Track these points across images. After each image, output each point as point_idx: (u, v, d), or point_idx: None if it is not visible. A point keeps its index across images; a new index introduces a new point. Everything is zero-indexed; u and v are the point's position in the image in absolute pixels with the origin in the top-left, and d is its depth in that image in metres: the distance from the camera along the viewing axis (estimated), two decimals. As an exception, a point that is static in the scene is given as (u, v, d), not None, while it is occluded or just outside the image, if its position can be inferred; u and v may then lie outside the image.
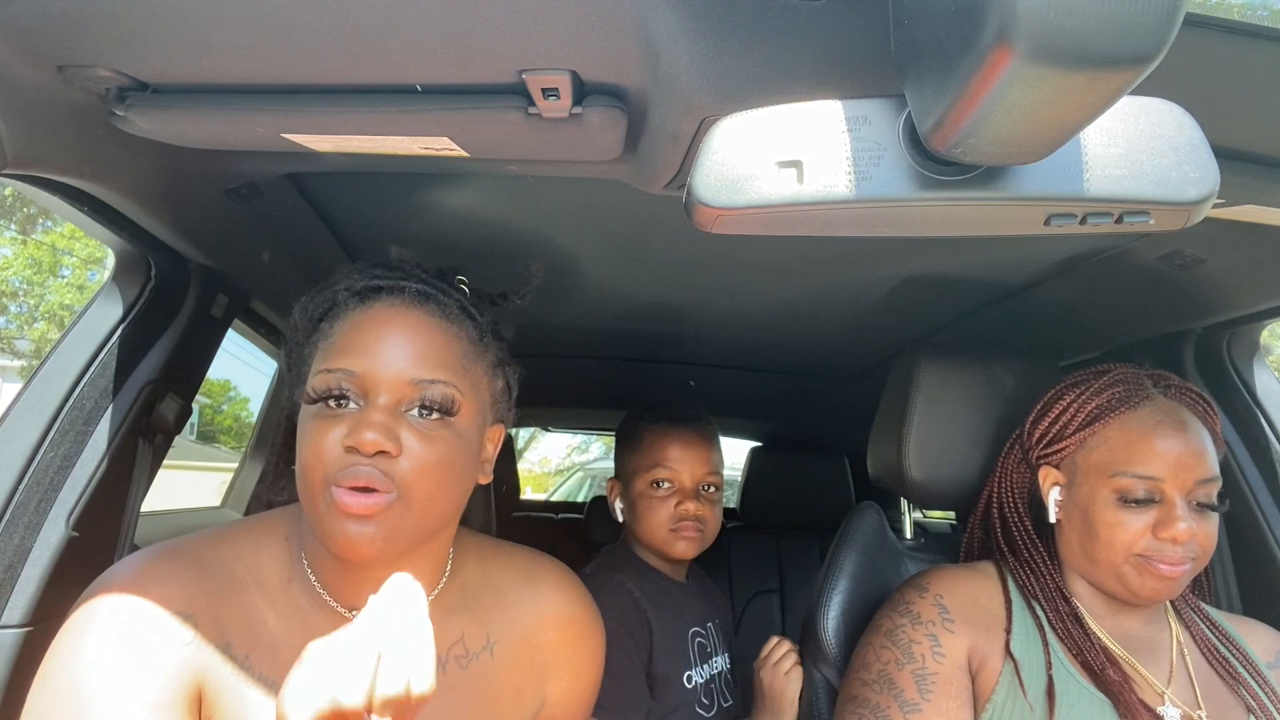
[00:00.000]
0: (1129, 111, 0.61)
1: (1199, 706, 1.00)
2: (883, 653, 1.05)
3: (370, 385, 0.80)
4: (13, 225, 12.79)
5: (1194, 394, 1.07)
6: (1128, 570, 1.00)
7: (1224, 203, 0.88)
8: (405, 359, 0.81)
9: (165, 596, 0.78)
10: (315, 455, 0.79)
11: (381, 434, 0.77)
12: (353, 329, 0.83)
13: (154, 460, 1.20)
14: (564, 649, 0.99)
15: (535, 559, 1.03)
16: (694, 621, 1.50)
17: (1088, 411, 1.07)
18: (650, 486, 1.48)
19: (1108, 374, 1.09)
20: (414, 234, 1.38)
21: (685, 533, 1.46)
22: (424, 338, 0.83)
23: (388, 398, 0.80)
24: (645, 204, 1.02)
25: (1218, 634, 1.09)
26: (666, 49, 0.69)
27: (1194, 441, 1.01)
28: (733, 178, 0.61)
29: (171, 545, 0.84)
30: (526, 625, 0.96)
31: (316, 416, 0.81)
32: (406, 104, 0.80)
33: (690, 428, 1.51)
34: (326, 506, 0.78)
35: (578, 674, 1.01)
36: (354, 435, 0.77)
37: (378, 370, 0.80)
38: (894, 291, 1.54)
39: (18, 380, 11.86)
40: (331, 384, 0.80)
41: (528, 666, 0.95)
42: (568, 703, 1.01)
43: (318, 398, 0.81)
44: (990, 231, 0.68)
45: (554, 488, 8.95)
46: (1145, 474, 1.00)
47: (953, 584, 1.10)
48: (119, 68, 0.78)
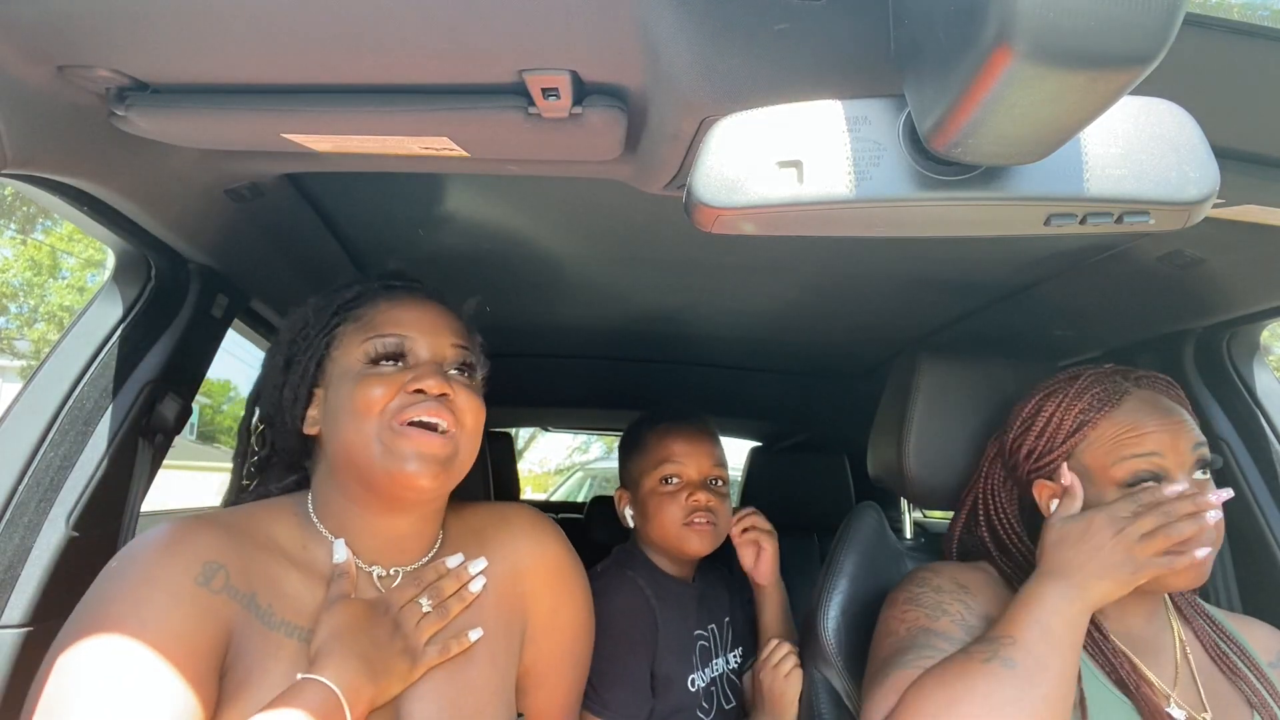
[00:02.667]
0: (1129, 111, 0.61)
1: (1204, 709, 1.00)
2: (908, 615, 1.05)
3: (419, 347, 0.96)
4: (12, 225, 12.79)
5: (1165, 381, 1.09)
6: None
7: (1224, 203, 0.88)
8: (443, 329, 0.99)
9: (196, 548, 0.84)
10: (373, 400, 0.91)
11: (442, 379, 0.93)
12: (390, 308, 0.98)
13: (154, 460, 1.20)
14: (541, 580, 1.07)
15: (508, 506, 1.15)
16: (698, 624, 1.51)
17: (1073, 418, 1.06)
18: (659, 484, 1.52)
19: (1079, 378, 1.09)
20: (413, 234, 1.38)
21: (698, 525, 1.48)
22: (448, 318, 1.02)
23: (431, 355, 0.96)
24: (645, 204, 1.02)
25: (1219, 633, 1.09)
26: (666, 49, 0.69)
27: (1179, 417, 1.03)
28: (733, 178, 0.61)
29: (193, 514, 0.91)
30: (507, 559, 1.05)
31: (371, 373, 0.93)
32: (406, 104, 0.80)
33: (692, 425, 1.56)
34: (388, 443, 0.89)
35: (555, 608, 1.07)
36: (420, 380, 0.92)
37: (425, 335, 0.97)
38: (894, 291, 1.54)
39: (18, 380, 11.86)
40: (386, 346, 0.95)
41: (511, 597, 1.04)
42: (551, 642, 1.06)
43: (373, 359, 0.94)
44: (990, 231, 0.68)
45: (554, 488, 8.96)
46: (1145, 451, 1.00)
47: (965, 573, 1.10)
48: (119, 68, 0.78)
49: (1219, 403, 1.41)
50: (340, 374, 0.96)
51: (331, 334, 0.99)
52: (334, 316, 0.99)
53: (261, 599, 0.87)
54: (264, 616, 0.86)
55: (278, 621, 0.87)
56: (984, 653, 0.90)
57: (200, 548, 0.84)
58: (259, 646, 0.84)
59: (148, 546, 0.84)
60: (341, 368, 0.96)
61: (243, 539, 0.89)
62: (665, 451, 1.52)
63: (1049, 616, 0.92)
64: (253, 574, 0.87)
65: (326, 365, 0.98)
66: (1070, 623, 0.92)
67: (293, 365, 0.99)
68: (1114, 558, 0.93)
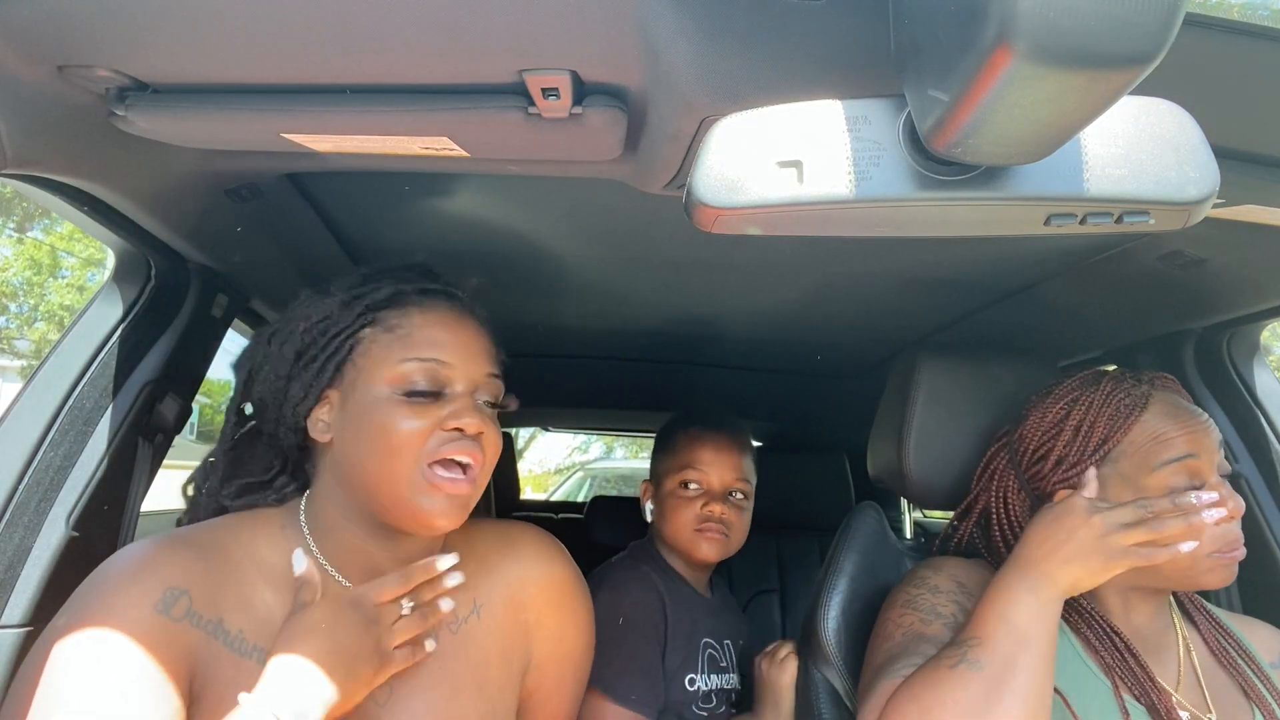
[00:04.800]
0: (1129, 111, 0.61)
1: (1209, 709, 1.00)
2: (904, 619, 1.04)
3: (459, 376, 0.91)
4: (11, 225, 12.79)
5: (1175, 381, 1.09)
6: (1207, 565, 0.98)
7: (1224, 203, 0.88)
8: (481, 355, 0.94)
9: (160, 573, 0.81)
10: (410, 437, 0.86)
11: (481, 418, 0.89)
12: (429, 324, 0.92)
13: (154, 460, 1.20)
14: (546, 606, 1.03)
15: (514, 526, 1.08)
16: (708, 633, 1.51)
17: (1102, 428, 1.03)
18: (679, 487, 1.52)
19: (1098, 385, 1.06)
20: (413, 234, 1.38)
21: (709, 534, 1.48)
22: (485, 338, 0.96)
23: (469, 385, 0.91)
24: (645, 204, 1.02)
25: (1222, 633, 1.09)
26: (666, 49, 0.69)
27: (1203, 416, 1.03)
28: (733, 178, 0.61)
29: (168, 533, 0.88)
30: (509, 586, 1.01)
31: (407, 404, 0.88)
32: (406, 104, 0.80)
33: (723, 433, 1.55)
34: (418, 484, 0.86)
35: (562, 635, 1.04)
36: (459, 418, 0.88)
37: (464, 361, 0.91)
38: (894, 291, 1.54)
39: (18, 380, 11.86)
40: (426, 372, 0.89)
41: (513, 626, 1.00)
42: (555, 665, 1.04)
43: (409, 387, 0.88)
44: (990, 231, 0.68)
45: (554, 488, 8.96)
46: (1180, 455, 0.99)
47: (966, 569, 1.09)
48: (119, 68, 0.78)
49: (1219, 403, 1.41)
50: (366, 389, 0.89)
51: (357, 335, 0.91)
52: (361, 316, 0.92)
53: (231, 624, 0.83)
54: (234, 643, 0.82)
55: (250, 647, 0.83)
56: (952, 658, 0.90)
57: (164, 573, 0.81)
58: (228, 676, 0.81)
59: (110, 573, 0.82)
60: (368, 381, 0.89)
61: (217, 560, 0.85)
62: (691, 456, 1.52)
63: (1014, 611, 0.90)
64: (222, 598, 0.83)
65: (347, 370, 0.91)
66: (1037, 614, 0.90)
67: (306, 359, 0.92)
68: (1086, 544, 0.92)
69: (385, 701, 0.88)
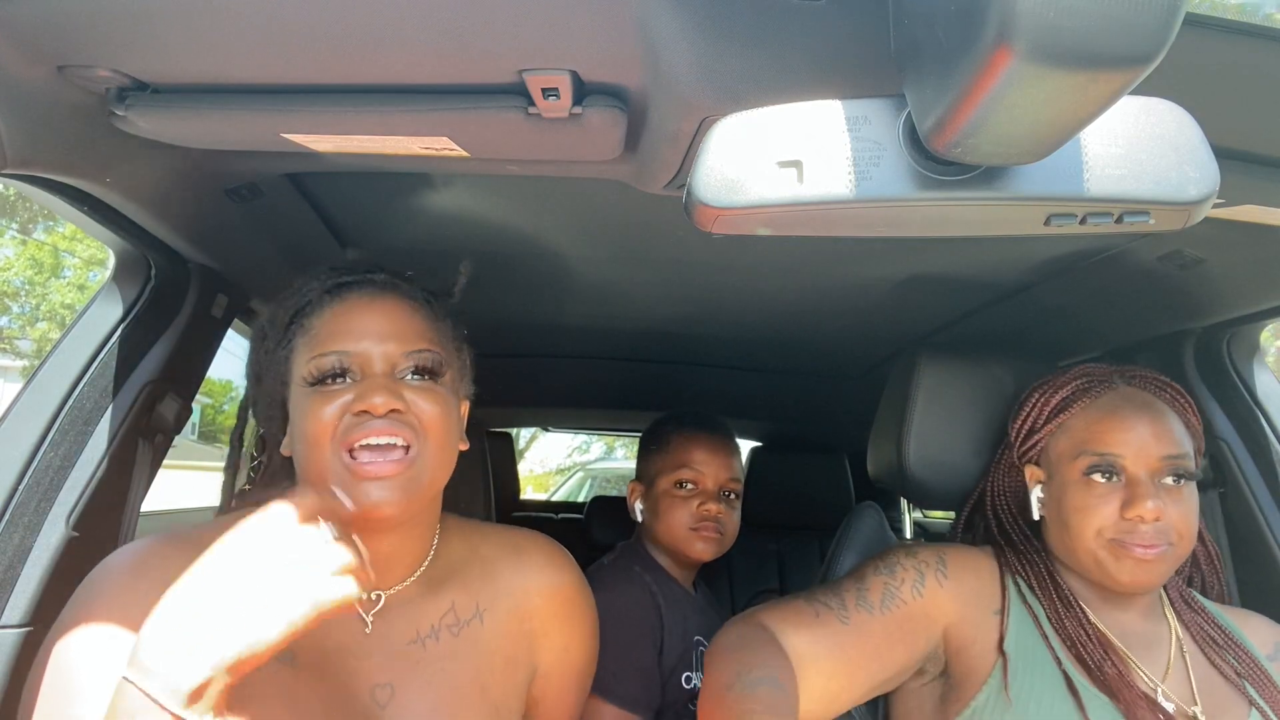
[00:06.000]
0: (1129, 111, 0.61)
1: (1195, 703, 1.00)
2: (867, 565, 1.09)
3: (365, 360, 0.87)
4: (14, 225, 12.80)
5: (1162, 383, 1.09)
6: (1104, 556, 1.01)
7: (1224, 203, 0.88)
8: (391, 334, 0.89)
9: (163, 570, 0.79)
10: (322, 426, 0.84)
11: (388, 394, 0.84)
12: (333, 318, 0.90)
13: (154, 460, 1.20)
14: (552, 617, 1.02)
15: (521, 534, 1.07)
16: (698, 630, 1.52)
17: (1054, 404, 1.10)
18: (674, 487, 1.54)
19: (1073, 369, 1.13)
20: (413, 234, 1.38)
21: (705, 533, 1.51)
22: (401, 316, 0.91)
23: (383, 366, 0.88)
24: (645, 204, 1.02)
25: (1216, 628, 1.09)
26: (666, 49, 0.69)
27: (1157, 420, 1.03)
28: (733, 178, 0.61)
29: (167, 532, 0.88)
30: (514, 595, 1.00)
31: (316, 394, 0.86)
32: (406, 104, 0.80)
33: (716, 434, 1.58)
34: (341, 473, 0.83)
35: (567, 645, 1.04)
36: (363, 400, 0.84)
37: (369, 346, 0.87)
38: (894, 291, 1.54)
39: (19, 380, 11.86)
40: (327, 365, 0.86)
41: (518, 635, 0.99)
42: (559, 675, 1.03)
43: (316, 380, 0.87)
44: (990, 231, 0.68)
45: (554, 488, 8.96)
46: (1106, 450, 1.02)
47: (956, 551, 1.12)
48: (119, 68, 0.78)
49: (1219, 403, 1.40)
50: (294, 394, 0.90)
51: (290, 347, 0.91)
52: (289, 328, 0.92)
53: None
54: None
55: None
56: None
57: (164, 571, 0.77)
58: None
59: (110, 572, 0.82)
60: (294, 385, 0.90)
61: None
62: (686, 456, 1.54)
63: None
64: None
65: (290, 382, 0.91)
66: None
67: (263, 382, 0.95)
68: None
69: (387, 702, 0.88)
